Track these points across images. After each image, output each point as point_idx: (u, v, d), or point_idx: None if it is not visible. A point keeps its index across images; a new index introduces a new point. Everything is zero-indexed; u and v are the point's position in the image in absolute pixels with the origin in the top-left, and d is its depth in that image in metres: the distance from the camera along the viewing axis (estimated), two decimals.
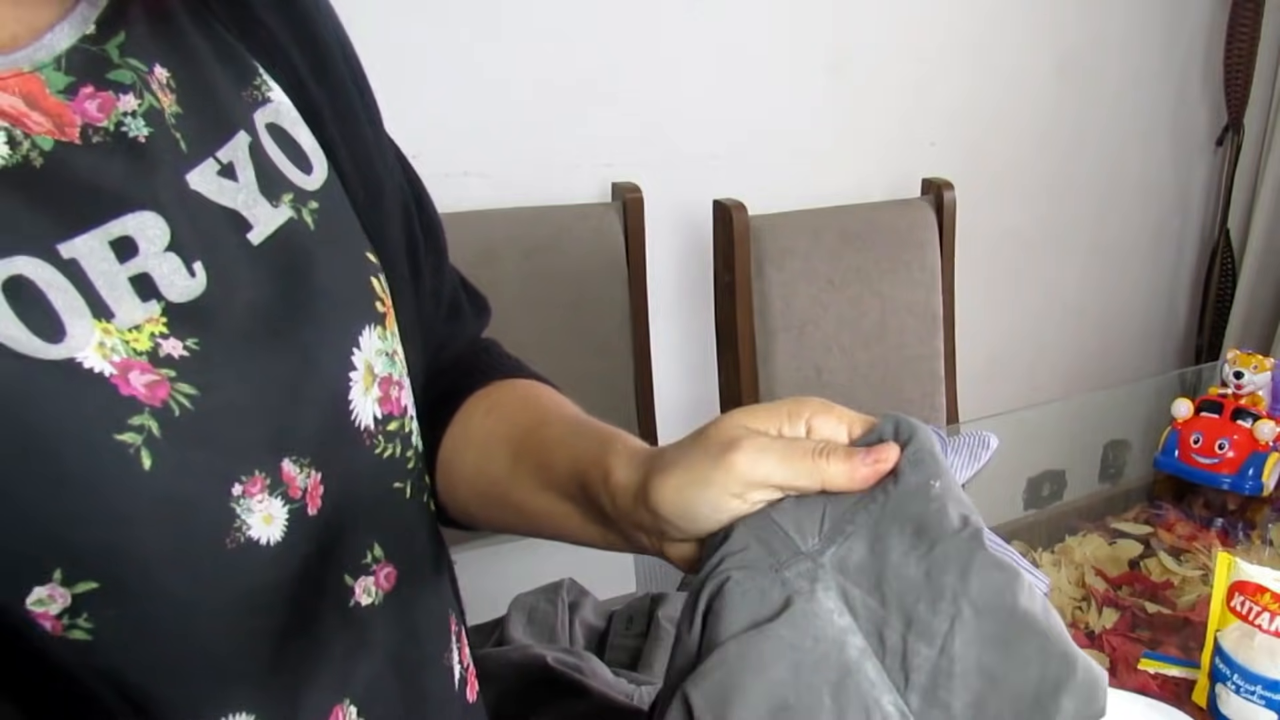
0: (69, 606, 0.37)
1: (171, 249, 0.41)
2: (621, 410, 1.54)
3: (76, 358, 0.37)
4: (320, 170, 0.51)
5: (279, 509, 0.43)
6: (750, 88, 1.84)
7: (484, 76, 1.58)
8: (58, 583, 0.36)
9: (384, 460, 0.52)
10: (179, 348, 0.40)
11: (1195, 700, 0.79)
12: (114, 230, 0.40)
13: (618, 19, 1.67)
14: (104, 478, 0.37)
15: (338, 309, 0.48)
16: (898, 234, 1.68)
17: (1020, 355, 2.43)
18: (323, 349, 0.47)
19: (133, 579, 0.38)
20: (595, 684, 0.79)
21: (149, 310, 0.40)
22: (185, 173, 0.44)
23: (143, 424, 0.38)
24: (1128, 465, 1.33)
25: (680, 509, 0.43)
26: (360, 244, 0.52)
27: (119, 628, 0.38)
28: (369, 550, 0.51)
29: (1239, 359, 1.19)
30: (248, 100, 0.49)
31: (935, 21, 2.02)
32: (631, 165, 1.72)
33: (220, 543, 0.41)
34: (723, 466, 0.41)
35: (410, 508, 0.55)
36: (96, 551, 0.37)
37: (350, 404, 0.48)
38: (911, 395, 1.71)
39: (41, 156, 0.39)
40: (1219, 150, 2.61)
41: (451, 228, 0.65)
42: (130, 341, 0.39)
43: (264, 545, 0.43)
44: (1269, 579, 0.74)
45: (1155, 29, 2.38)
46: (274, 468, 0.43)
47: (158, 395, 0.39)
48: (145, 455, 0.38)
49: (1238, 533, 1.09)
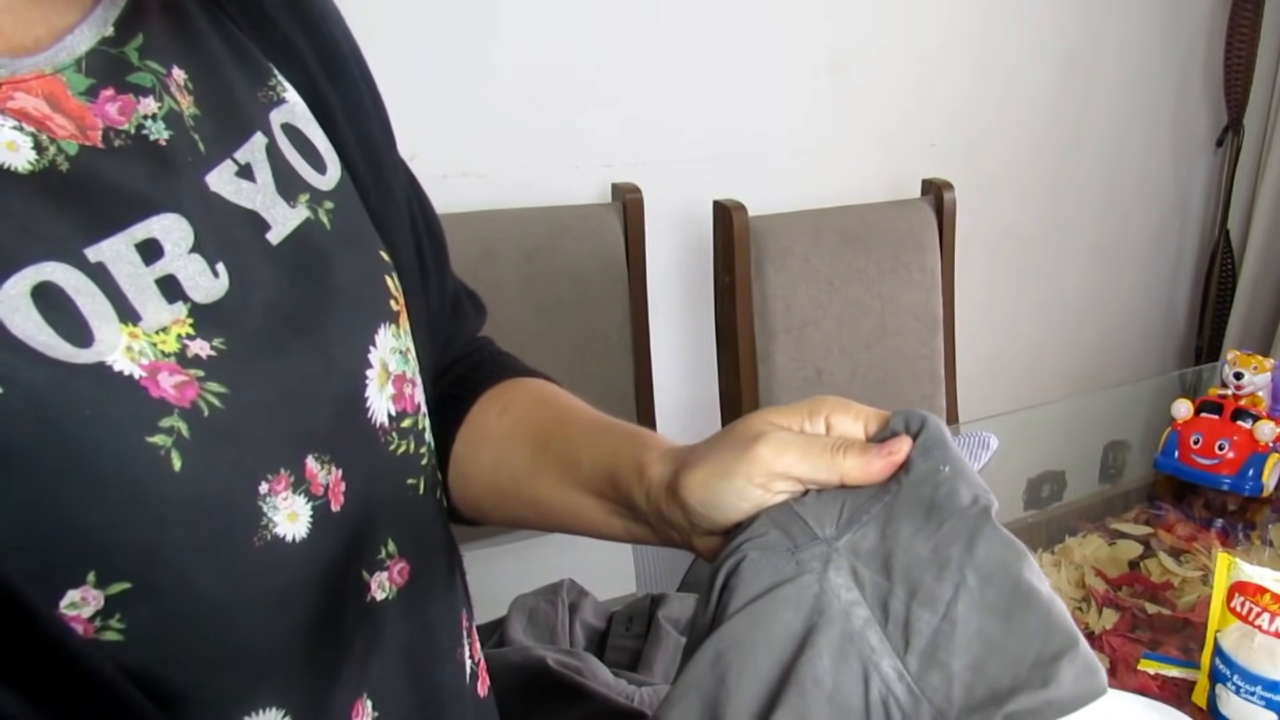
0: (101, 608, 0.37)
1: (195, 250, 0.42)
2: (622, 411, 1.54)
3: (106, 361, 0.37)
4: (334, 170, 0.52)
5: (303, 506, 0.44)
6: (750, 88, 1.84)
7: (484, 77, 1.58)
8: (91, 585, 0.37)
9: (398, 457, 0.52)
10: (205, 348, 0.41)
11: (1195, 701, 0.79)
12: (139, 233, 0.40)
13: (617, 19, 1.67)
14: (137, 480, 0.37)
15: (354, 308, 0.49)
16: (898, 235, 1.68)
17: (1020, 356, 2.43)
18: (341, 347, 0.48)
19: (165, 579, 0.38)
20: (595, 685, 0.79)
21: (175, 312, 0.40)
22: (205, 174, 0.44)
23: (172, 425, 0.38)
24: (1128, 466, 1.33)
25: (707, 499, 0.45)
26: (374, 243, 0.53)
27: (151, 627, 0.38)
28: (383, 546, 0.51)
29: (1239, 360, 1.19)
30: (263, 101, 0.49)
31: (935, 22, 2.02)
32: (631, 166, 1.72)
33: (248, 541, 0.41)
34: (748, 458, 0.44)
35: (423, 504, 0.55)
36: (130, 553, 0.37)
37: (367, 401, 0.49)
38: (911, 396, 1.71)
39: (67, 161, 0.39)
40: (1219, 151, 2.61)
41: (451, 228, 0.65)
42: (158, 344, 0.39)
43: (290, 542, 0.43)
44: (1269, 580, 0.74)
45: (1155, 29, 2.38)
46: (298, 465, 0.44)
47: (186, 396, 0.39)
48: (175, 456, 0.38)
49: (1238, 533, 1.09)
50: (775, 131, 1.90)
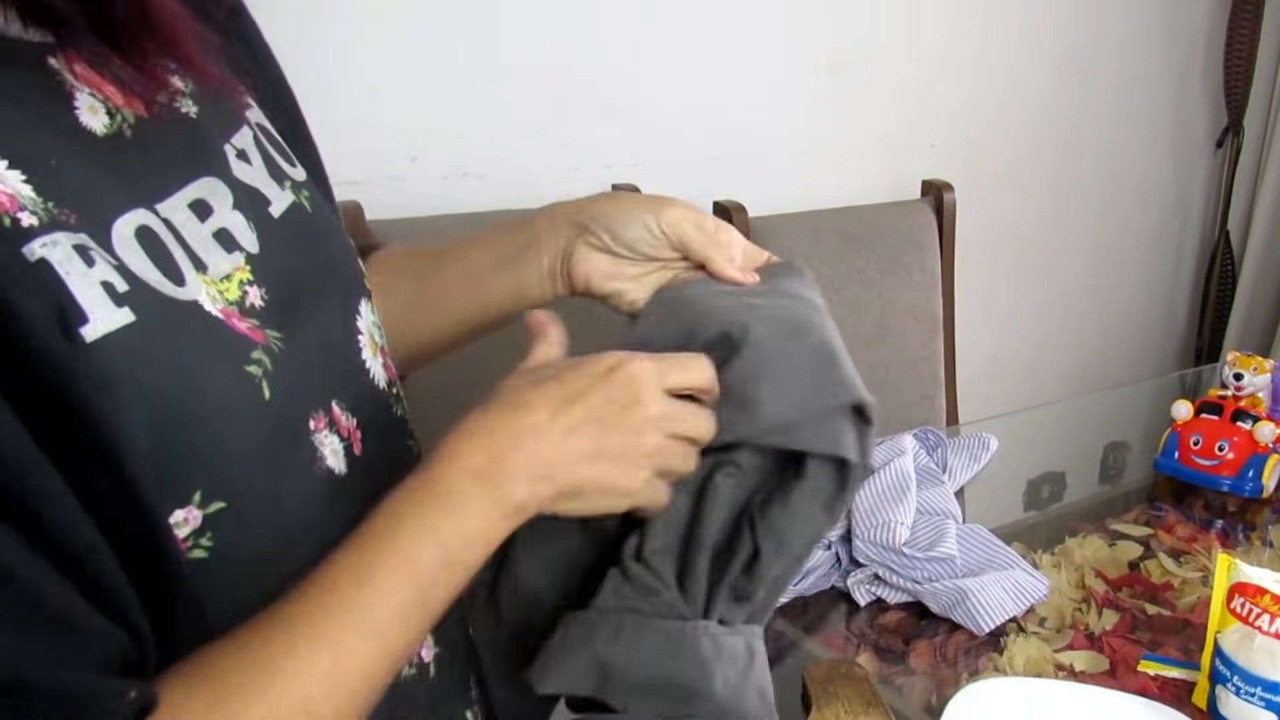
0: (198, 528, 0.39)
1: (236, 208, 0.46)
2: None
3: (199, 299, 0.41)
4: (300, 166, 0.55)
5: (338, 445, 0.48)
6: (750, 89, 1.84)
7: (484, 78, 1.58)
8: (195, 504, 0.39)
9: (399, 420, 0.56)
10: (259, 297, 0.45)
11: (1195, 702, 0.79)
12: (191, 193, 0.44)
13: (617, 20, 1.67)
14: (240, 405, 0.41)
15: (343, 280, 0.53)
16: (898, 235, 1.68)
17: (1020, 357, 2.43)
18: (340, 314, 0.52)
19: (255, 500, 0.41)
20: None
21: (234, 260, 0.44)
22: (224, 148, 0.48)
23: (260, 358, 0.42)
24: (1128, 467, 1.33)
25: (616, 217, 0.59)
26: (340, 227, 0.57)
27: (235, 547, 0.40)
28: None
29: (1239, 361, 1.19)
30: (240, 99, 0.52)
31: (935, 22, 2.02)
32: (631, 167, 1.72)
33: (311, 469, 0.45)
34: (659, 204, 0.59)
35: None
36: (232, 473, 0.40)
37: (366, 364, 0.53)
38: (911, 397, 1.71)
39: (130, 128, 0.42)
40: (1219, 152, 2.61)
41: (451, 230, 0.66)
42: (224, 291, 0.43)
43: (338, 475, 0.47)
44: (1269, 581, 0.74)
45: (1155, 31, 2.38)
46: (329, 408, 0.48)
47: (257, 338, 0.43)
48: (265, 386, 0.42)
49: (1237, 534, 1.09)
50: (775, 132, 1.90)
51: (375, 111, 1.48)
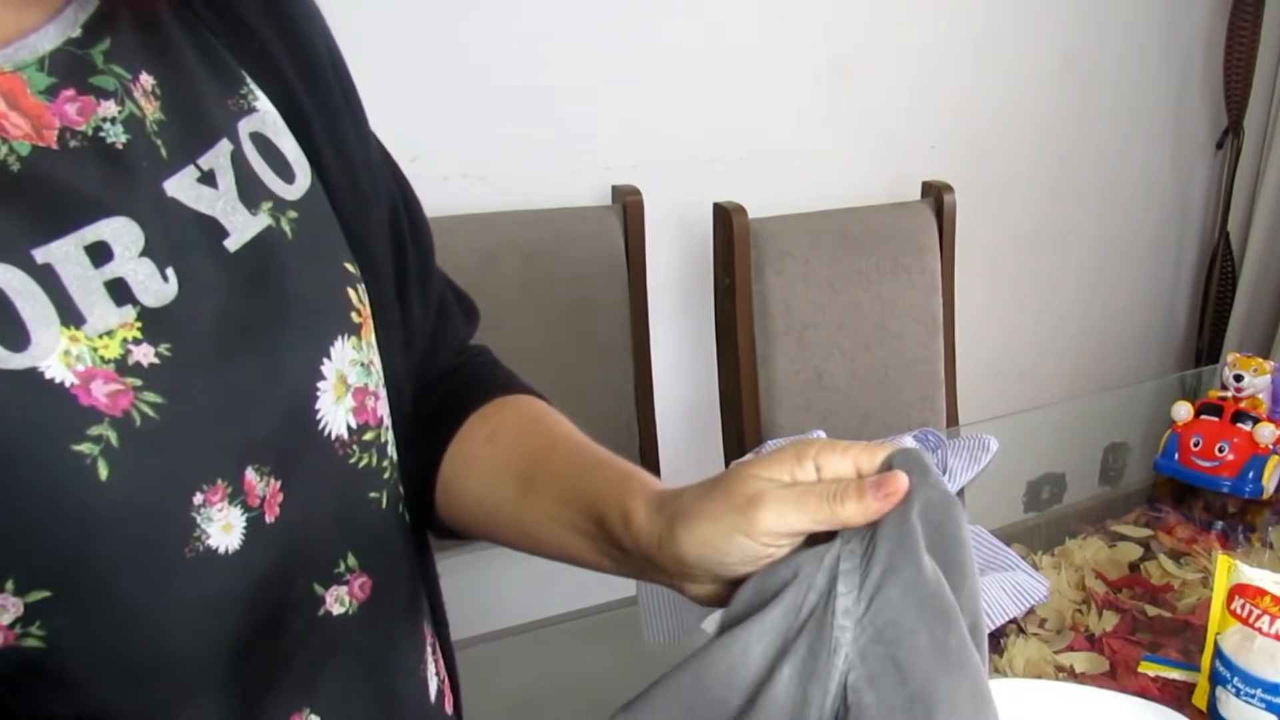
0: (21, 615, 0.37)
1: (145, 254, 0.42)
2: (622, 414, 1.54)
3: (39, 367, 0.37)
4: (303, 180, 0.51)
5: (237, 517, 0.43)
6: (750, 90, 1.84)
7: (483, 79, 1.58)
8: (10, 592, 0.37)
9: (359, 470, 0.51)
10: (150, 354, 0.40)
11: (1195, 703, 0.79)
12: (89, 235, 0.40)
13: (617, 21, 1.68)
14: (60, 487, 0.37)
15: (311, 318, 0.49)
16: (898, 237, 1.68)
17: (1020, 358, 2.43)
18: (293, 356, 0.47)
19: (87, 588, 0.38)
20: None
21: (124, 315, 0.40)
22: (164, 180, 0.44)
23: (101, 434, 0.38)
24: (1128, 468, 1.33)
25: (708, 555, 0.45)
26: (340, 254, 0.52)
27: (75, 636, 0.38)
28: (342, 560, 0.51)
29: (1239, 362, 1.19)
30: (233, 109, 0.49)
31: (935, 24, 2.02)
32: (631, 168, 1.72)
33: (179, 552, 0.41)
34: (749, 520, 0.43)
35: (386, 517, 0.54)
36: (50, 561, 0.37)
37: (318, 413, 0.48)
38: (911, 398, 1.71)
39: (19, 161, 0.39)
40: (1219, 153, 2.61)
41: (451, 231, 0.65)
42: (99, 349, 0.39)
43: (222, 554, 0.43)
44: (1269, 582, 0.74)
45: (1155, 32, 2.38)
46: (236, 476, 0.43)
47: (119, 405, 0.39)
48: (102, 465, 0.38)
49: (1238, 536, 1.09)
50: (775, 133, 1.90)
51: (375, 112, 1.48)
